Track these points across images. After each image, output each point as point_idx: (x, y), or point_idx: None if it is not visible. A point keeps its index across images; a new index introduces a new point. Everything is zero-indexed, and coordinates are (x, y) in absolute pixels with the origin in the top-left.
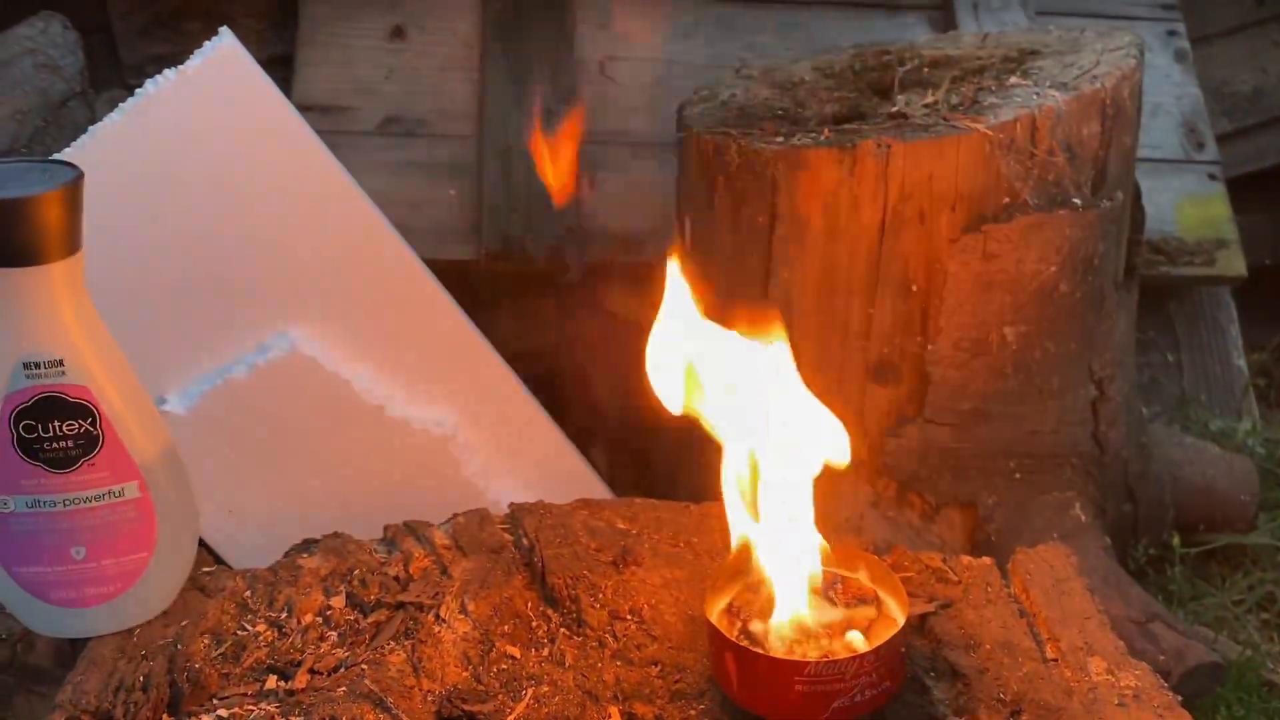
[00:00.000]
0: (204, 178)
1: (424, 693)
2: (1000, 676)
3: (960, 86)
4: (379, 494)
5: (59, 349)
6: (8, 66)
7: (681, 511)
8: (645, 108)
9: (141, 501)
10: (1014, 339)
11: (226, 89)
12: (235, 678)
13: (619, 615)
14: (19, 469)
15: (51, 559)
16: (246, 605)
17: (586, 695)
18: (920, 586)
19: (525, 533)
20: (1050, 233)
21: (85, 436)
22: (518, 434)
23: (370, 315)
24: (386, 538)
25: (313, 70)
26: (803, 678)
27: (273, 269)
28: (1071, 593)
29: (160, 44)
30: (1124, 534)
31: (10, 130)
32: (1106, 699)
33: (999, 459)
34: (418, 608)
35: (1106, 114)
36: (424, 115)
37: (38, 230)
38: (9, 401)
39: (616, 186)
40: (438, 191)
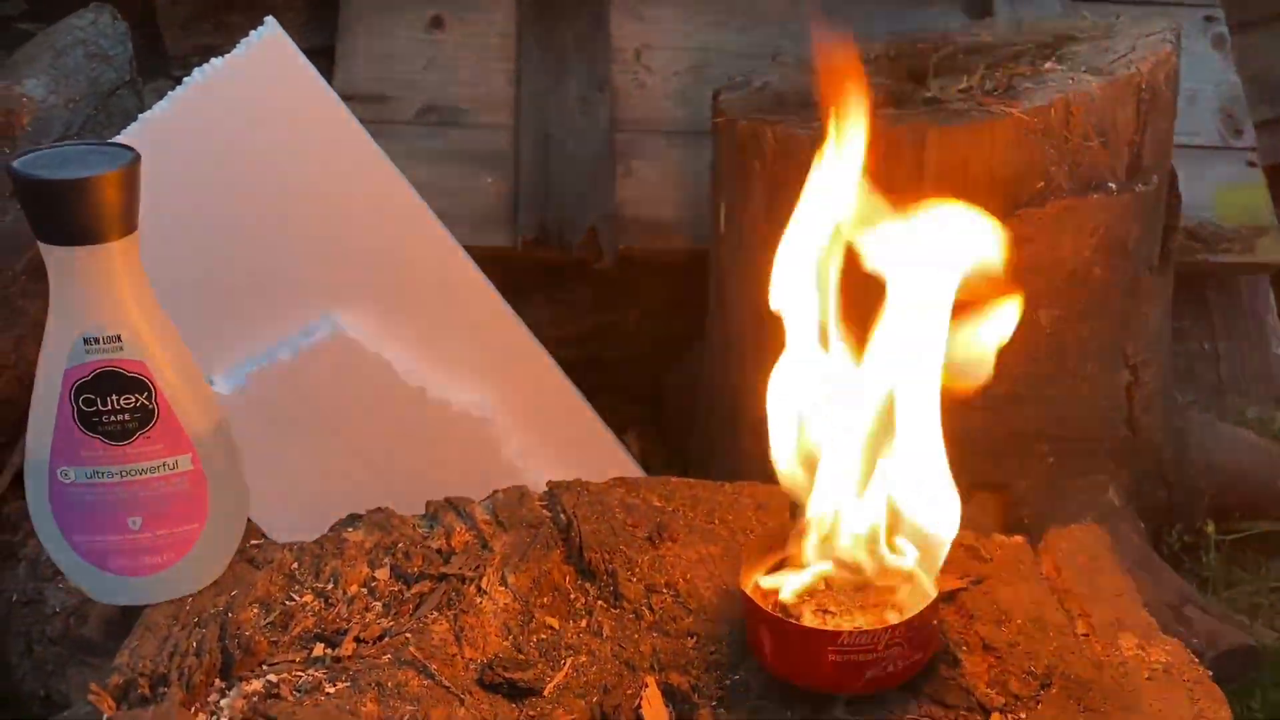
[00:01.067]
0: (250, 164)
1: (466, 661)
2: (1031, 650)
3: (995, 72)
4: (419, 474)
5: (117, 325)
6: (60, 56)
7: (716, 490)
8: (679, 95)
9: (194, 474)
10: (1048, 322)
11: (271, 77)
12: (284, 645)
13: (655, 589)
14: (79, 441)
15: (109, 528)
16: (294, 576)
17: (624, 665)
18: (952, 563)
19: (563, 509)
20: (1084, 217)
21: (141, 410)
22: (554, 417)
23: (412, 299)
24: (429, 513)
25: (352, 61)
26: (835, 647)
27: (317, 253)
28: (1103, 570)
29: (204, 36)
30: (1158, 519)
31: (63, 118)
32: (1137, 673)
33: (1032, 442)
34: (459, 579)
35: (1142, 99)
36: (462, 104)
37: (98, 210)
38: (69, 376)
39: (650, 174)
40: (475, 180)
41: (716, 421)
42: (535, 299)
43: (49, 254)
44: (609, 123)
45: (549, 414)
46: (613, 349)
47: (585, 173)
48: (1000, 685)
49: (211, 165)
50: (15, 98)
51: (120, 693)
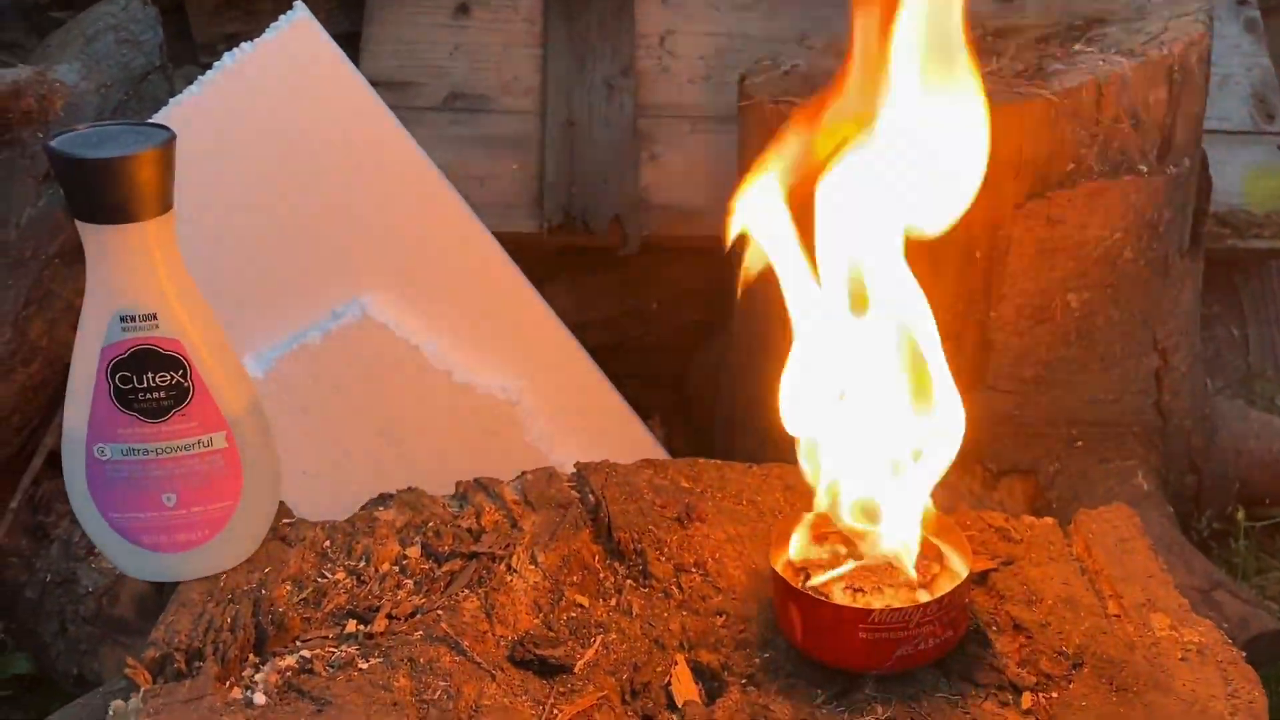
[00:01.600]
0: (278, 148)
1: (497, 637)
2: (1062, 630)
3: (1025, 54)
4: (446, 456)
5: (153, 303)
6: (91, 42)
7: (745, 471)
8: (704, 81)
9: (228, 452)
10: (1077, 305)
11: (300, 61)
12: (316, 621)
13: (684, 568)
14: (115, 418)
15: (144, 505)
16: (326, 554)
17: (653, 643)
18: (983, 545)
19: (592, 489)
20: (1114, 199)
21: (177, 388)
22: (580, 400)
23: (439, 283)
24: (458, 493)
25: (379, 47)
26: (866, 625)
27: (345, 237)
28: (1134, 551)
29: (231, 23)
30: (1187, 505)
31: (94, 103)
32: (1169, 653)
33: (1061, 427)
34: (490, 558)
35: (1174, 80)
36: (487, 91)
37: (134, 188)
38: (106, 353)
39: (675, 160)
40: (501, 166)
41: (741, 405)
42: (560, 285)
43: (86, 233)
44: (634, 108)
45: (575, 397)
46: (637, 334)
47: (610, 159)
48: (1031, 665)
49: (240, 149)
50: (49, 83)
51: (156, 666)
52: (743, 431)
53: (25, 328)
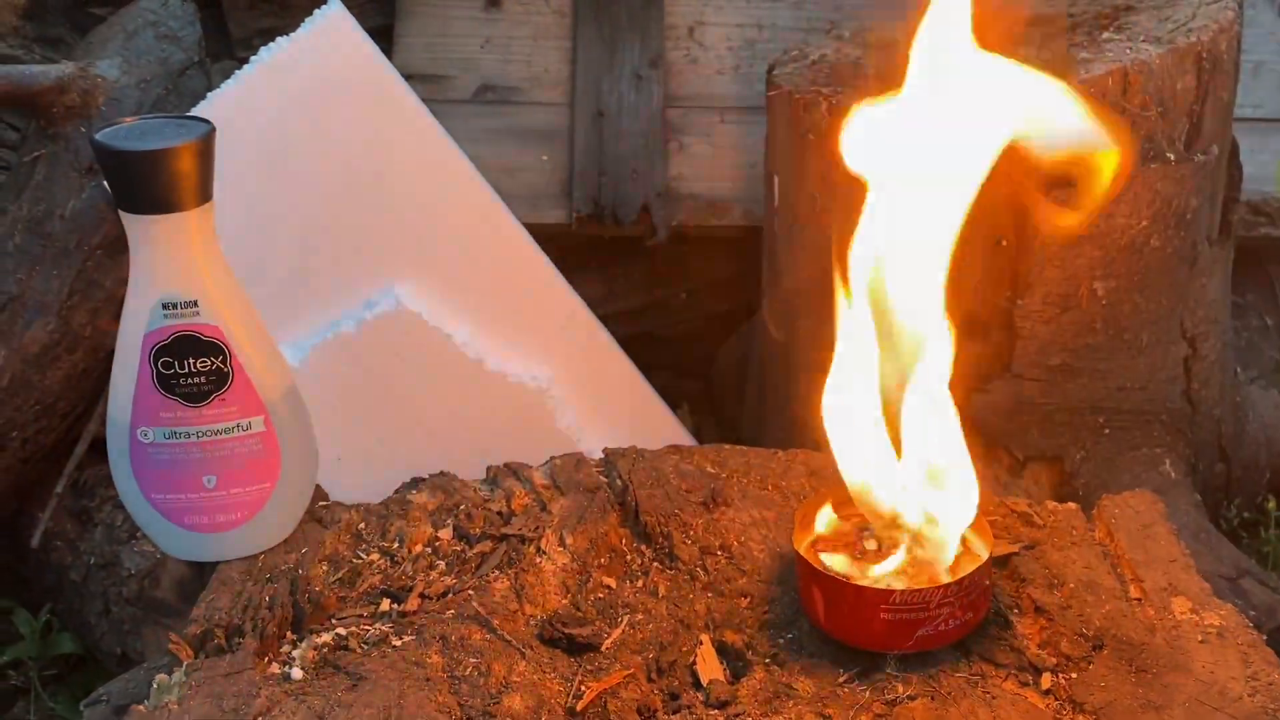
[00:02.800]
0: (314, 141)
1: (526, 617)
2: (1083, 613)
3: (1053, 44)
4: (477, 443)
5: (194, 291)
6: (132, 38)
7: (769, 457)
8: (732, 71)
9: (266, 435)
10: (1104, 293)
11: (335, 56)
12: (352, 600)
13: (709, 551)
14: (158, 403)
15: (185, 487)
16: (361, 536)
17: (679, 623)
18: (1006, 529)
19: (619, 474)
20: (1141, 187)
21: (217, 373)
22: (609, 388)
23: (471, 273)
24: (489, 477)
25: (411, 41)
26: (888, 606)
27: (379, 228)
28: (1157, 536)
29: (266, 18)
30: (1216, 494)
31: (135, 97)
32: (1190, 636)
33: (1087, 414)
34: (520, 540)
35: (1203, 68)
36: (518, 83)
37: (176, 179)
38: (149, 340)
39: (703, 150)
40: (531, 157)
41: (767, 398)
42: (589, 275)
43: (130, 223)
44: (662, 99)
45: (604, 385)
46: (665, 324)
47: (638, 149)
48: (1052, 646)
49: (277, 142)
50: (91, 79)
51: (197, 642)
52: (770, 420)
53: (69, 317)
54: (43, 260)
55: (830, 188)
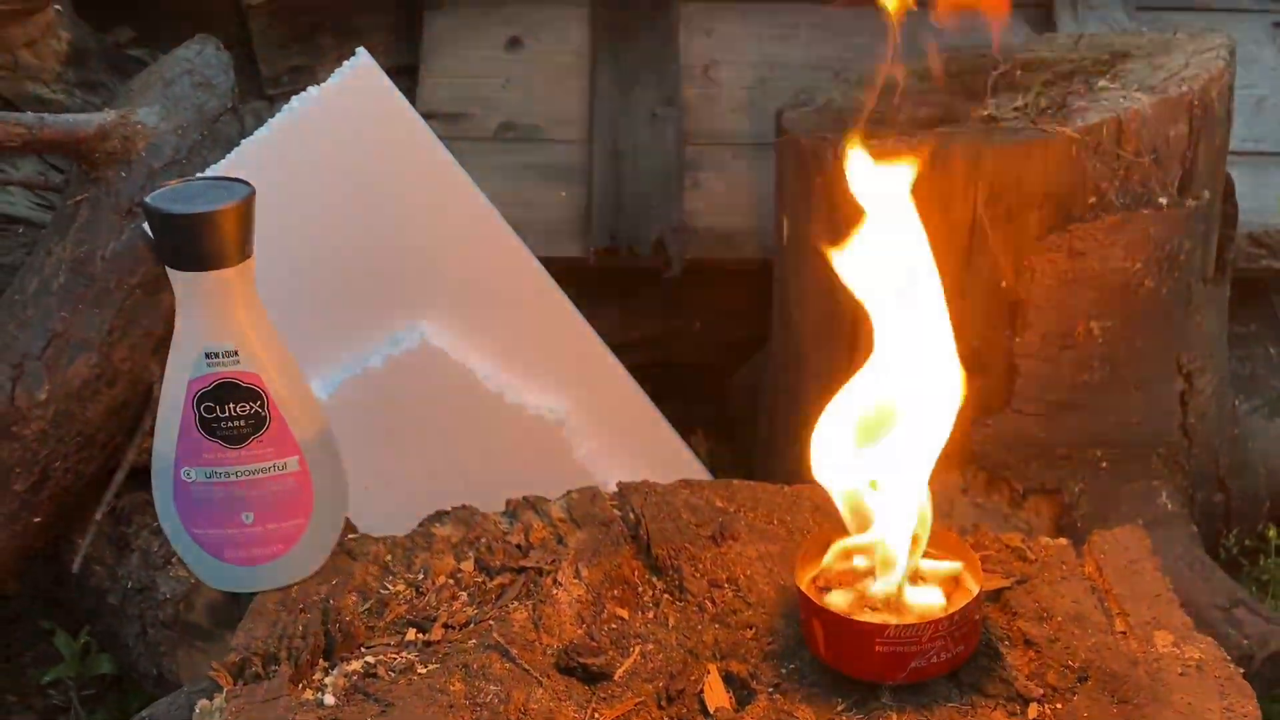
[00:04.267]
0: (343, 185)
1: (544, 646)
2: (1070, 646)
3: (1050, 90)
4: (497, 473)
5: (234, 340)
6: (170, 86)
7: (776, 493)
8: (745, 109)
9: (301, 474)
10: (1100, 333)
11: (363, 104)
12: (379, 630)
13: (717, 584)
14: (200, 445)
15: (225, 523)
16: (388, 567)
17: (688, 653)
18: (1000, 563)
19: (632, 508)
20: (1134, 232)
21: (255, 417)
22: (624, 420)
23: (492, 311)
24: (508, 510)
25: (435, 80)
26: (882, 639)
27: (405, 269)
28: (1143, 572)
29: (296, 57)
30: (1215, 523)
31: (172, 143)
32: (1170, 669)
33: (1086, 448)
34: (537, 572)
35: (1194, 115)
36: (538, 121)
37: (220, 239)
38: (193, 386)
39: (717, 186)
40: (550, 193)
41: (778, 425)
42: (606, 305)
43: (176, 279)
44: (677, 136)
45: (619, 417)
46: (680, 352)
47: (654, 185)
48: (1039, 678)
49: (308, 186)
50: (131, 125)
51: (236, 669)
52: (780, 451)
53: (109, 353)
54: (85, 299)
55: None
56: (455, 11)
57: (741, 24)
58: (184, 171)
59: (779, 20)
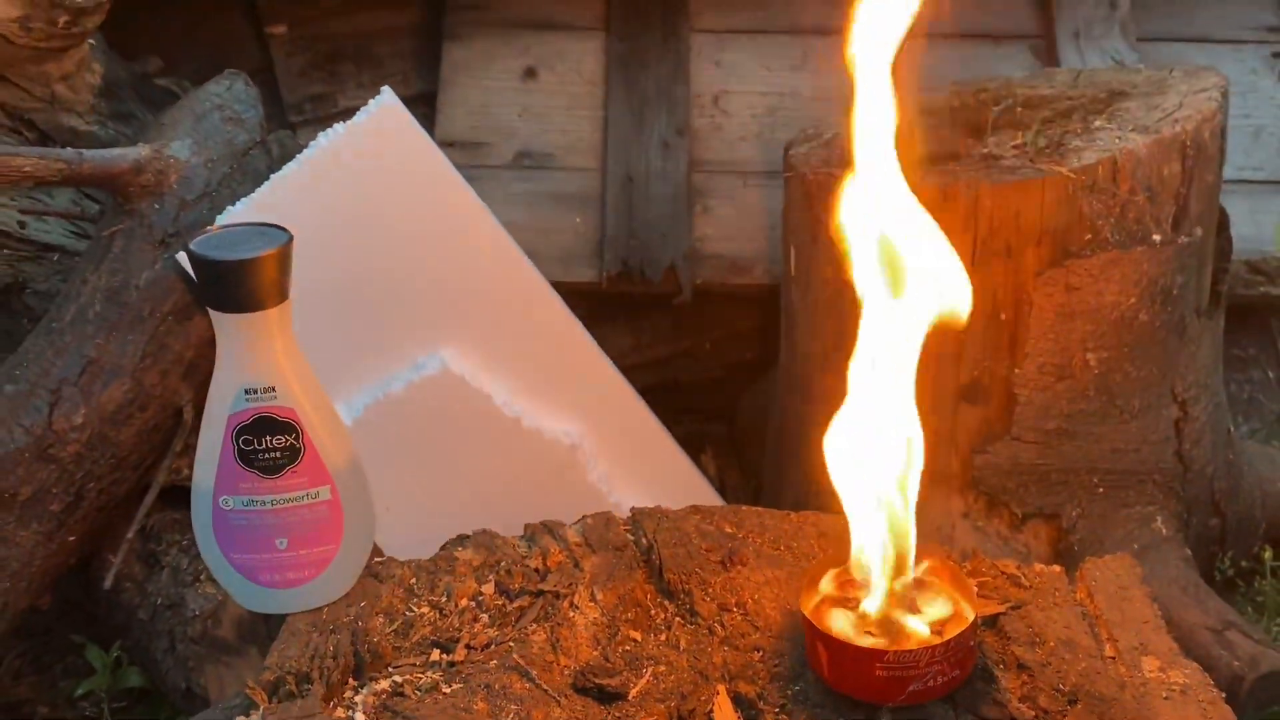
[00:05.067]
0: (368, 219)
1: (561, 667)
2: (1061, 670)
3: (1049, 128)
4: (514, 494)
5: (272, 378)
6: (200, 121)
7: (783, 519)
8: (755, 138)
9: (332, 503)
10: (1096, 363)
11: (388, 141)
12: (405, 650)
13: (726, 607)
14: (238, 475)
15: (261, 548)
16: (412, 590)
17: (698, 675)
18: (995, 589)
19: (645, 534)
20: (1128, 268)
21: (290, 449)
22: (636, 443)
23: (510, 340)
24: (527, 534)
25: (453, 109)
26: (882, 664)
27: (427, 298)
28: (1133, 599)
29: (317, 84)
30: (1211, 546)
31: (203, 176)
32: (1155, 693)
33: (1082, 474)
34: (555, 595)
35: (1187, 155)
36: (553, 150)
37: (260, 284)
38: (232, 420)
39: (727, 212)
40: (565, 220)
41: (785, 448)
42: (619, 327)
43: (218, 320)
44: (688, 165)
45: (631, 440)
46: (690, 373)
47: (666, 213)
48: (1031, 701)
49: (334, 219)
50: (165, 159)
51: (272, 688)
52: (787, 472)
53: (142, 378)
54: (119, 326)
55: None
56: (473, 43)
57: (751, 54)
58: (215, 203)
59: (788, 51)
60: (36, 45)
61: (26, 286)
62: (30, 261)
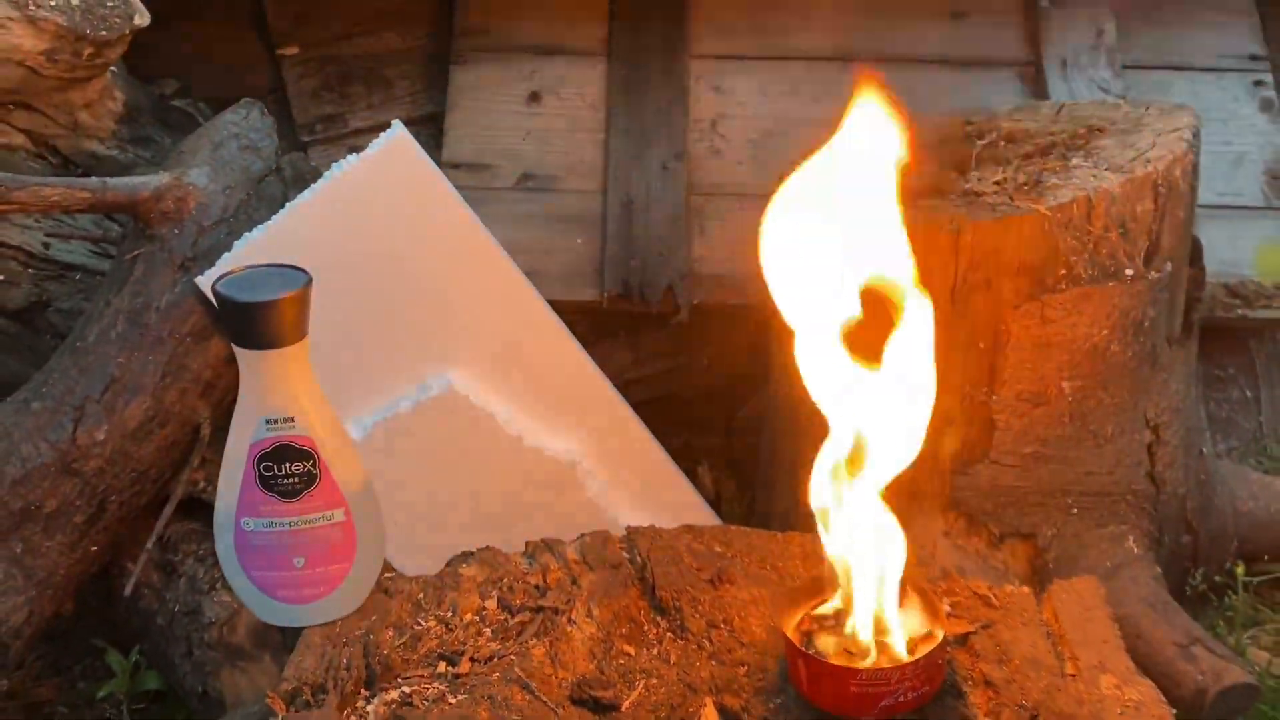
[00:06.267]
0: (378, 246)
1: (559, 680)
2: (1024, 687)
3: (1028, 165)
4: (516, 508)
5: (291, 409)
6: (218, 149)
7: (769, 539)
8: (751, 161)
9: (346, 524)
10: (1070, 391)
11: (398, 173)
12: (414, 662)
13: (714, 624)
14: (259, 498)
15: (280, 566)
16: (420, 605)
17: (687, 687)
18: (967, 609)
19: (639, 552)
20: (1100, 302)
21: (307, 475)
22: (632, 460)
23: (513, 362)
24: (528, 551)
25: (459, 132)
26: (856, 681)
27: (434, 322)
28: (1095, 620)
29: (327, 105)
30: (1184, 563)
31: (220, 202)
32: (1111, 709)
33: (1058, 496)
34: (554, 611)
35: (1159, 193)
36: (556, 172)
37: (281, 323)
38: (254, 448)
39: (723, 234)
40: (567, 240)
41: (778, 464)
42: (619, 343)
43: (241, 355)
44: (686, 188)
45: (628, 457)
46: (688, 388)
47: (664, 235)
48: (995, 715)
49: (346, 247)
50: (183, 186)
51: (289, 697)
52: (779, 489)
53: (162, 396)
54: (140, 346)
55: None
56: (479, 67)
57: (749, 80)
58: (232, 229)
59: (785, 76)
60: (62, 76)
61: (50, 304)
62: (54, 280)
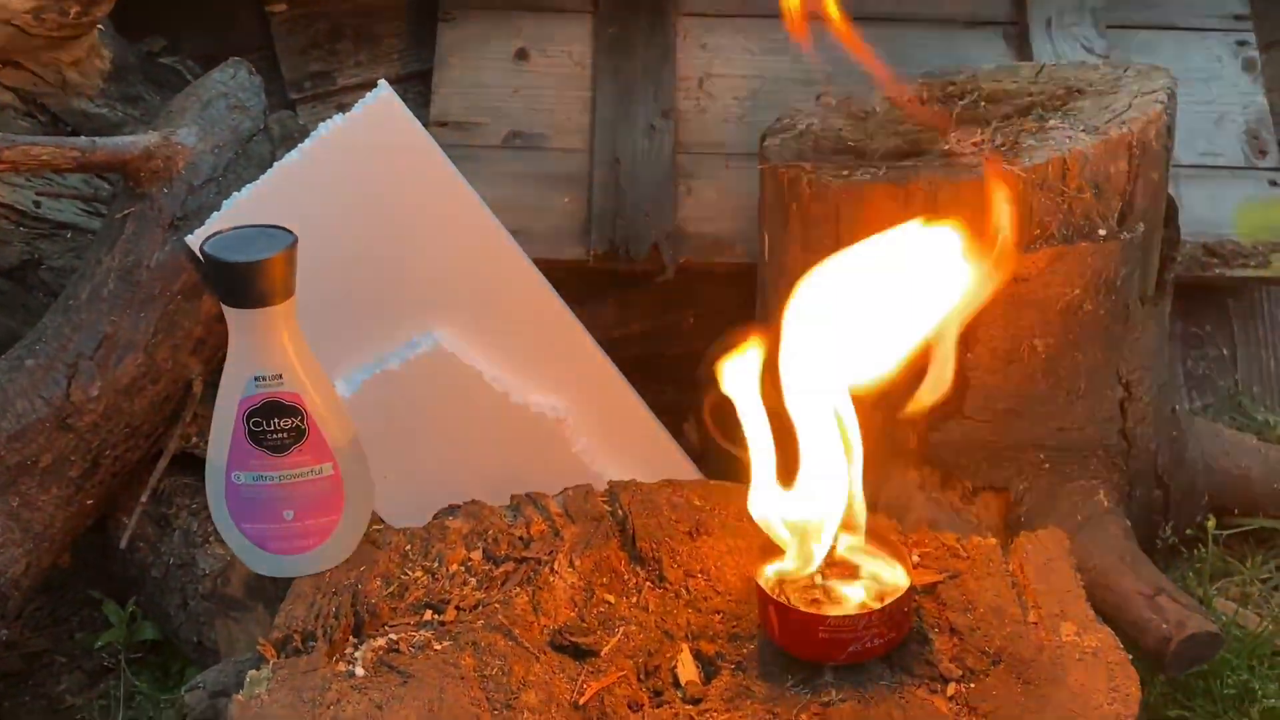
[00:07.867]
0: (365, 206)
1: (541, 627)
2: (988, 634)
3: (1006, 126)
4: (502, 465)
5: (279, 367)
6: (206, 108)
7: (745, 493)
8: (738, 120)
9: (334, 477)
10: (1043, 349)
11: (384, 132)
12: (401, 611)
13: (692, 574)
14: (249, 453)
15: (269, 519)
16: (407, 556)
17: (664, 634)
18: (935, 560)
19: (620, 505)
20: (1073, 262)
21: (295, 430)
22: (616, 418)
23: (498, 319)
24: (512, 504)
25: (447, 90)
26: (824, 627)
27: (421, 280)
28: (1058, 570)
29: (316, 62)
30: (1155, 517)
31: (209, 162)
32: (1069, 655)
33: (1030, 451)
34: (537, 562)
35: (1133, 155)
36: (543, 130)
37: (269, 283)
38: (243, 404)
39: (709, 193)
40: (553, 199)
41: None
42: (605, 301)
43: (230, 314)
44: (673, 147)
45: (612, 414)
46: (673, 345)
47: (651, 193)
48: (959, 661)
49: (333, 206)
50: (172, 145)
51: (280, 644)
52: None
53: (154, 353)
54: (132, 304)
55: (809, 248)
56: (466, 24)
57: (736, 38)
58: (221, 188)
59: (771, 35)
60: (49, 34)
61: (42, 263)
62: (45, 239)
